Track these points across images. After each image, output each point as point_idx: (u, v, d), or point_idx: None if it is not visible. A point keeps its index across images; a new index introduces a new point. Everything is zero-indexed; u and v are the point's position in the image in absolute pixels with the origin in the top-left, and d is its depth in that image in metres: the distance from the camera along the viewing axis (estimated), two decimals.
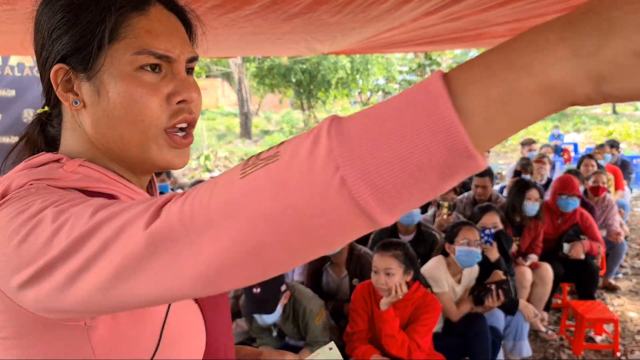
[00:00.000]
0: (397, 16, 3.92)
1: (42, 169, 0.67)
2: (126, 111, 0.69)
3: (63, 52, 0.69)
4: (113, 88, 0.68)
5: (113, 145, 0.71)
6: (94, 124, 0.70)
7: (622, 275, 5.26)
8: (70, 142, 0.74)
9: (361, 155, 0.38)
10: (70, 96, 0.70)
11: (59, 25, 0.68)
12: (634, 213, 8.08)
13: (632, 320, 4.20)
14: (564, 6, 3.85)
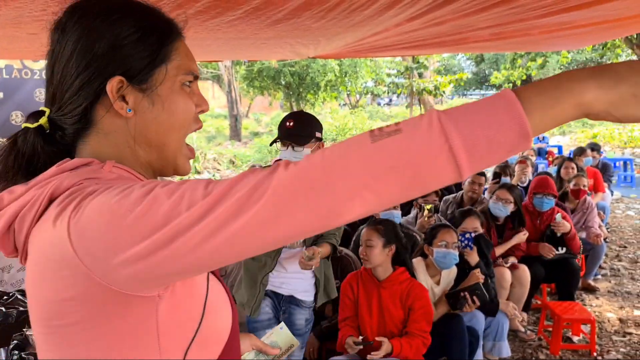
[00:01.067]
0: (380, 21, 3.96)
1: (85, 169, 0.74)
2: (177, 119, 0.81)
3: (126, 65, 0.77)
4: (169, 99, 0.80)
5: (152, 150, 0.81)
6: (141, 129, 0.79)
7: (601, 276, 5.35)
8: (101, 146, 0.79)
9: (462, 132, 0.58)
10: (124, 105, 0.77)
11: (126, 41, 0.77)
12: (614, 215, 8.22)
13: (609, 321, 4.28)
14: (543, 12, 3.93)
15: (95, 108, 0.78)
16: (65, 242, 0.65)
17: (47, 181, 0.72)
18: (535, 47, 7.76)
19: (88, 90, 0.76)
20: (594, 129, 21.67)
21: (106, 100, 0.77)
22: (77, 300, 0.66)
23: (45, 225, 0.69)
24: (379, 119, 25.32)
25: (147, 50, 0.78)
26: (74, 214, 0.65)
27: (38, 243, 0.70)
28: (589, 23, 4.61)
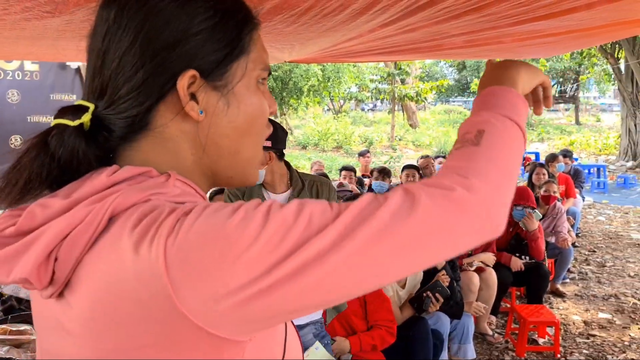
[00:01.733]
0: (353, 27, 4.00)
1: (148, 182, 0.61)
2: (253, 123, 0.68)
3: (200, 57, 0.63)
4: (246, 100, 0.67)
5: (221, 159, 0.68)
6: (209, 135, 0.66)
7: (569, 280, 5.46)
8: (156, 154, 0.65)
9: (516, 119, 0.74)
10: (195, 105, 0.64)
11: (201, 27, 0.63)
12: (586, 220, 8.38)
13: (574, 323, 4.37)
14: (514, 21, 4.01)
15: (157, 108, 0.64)
16: (157, 276, 0.50)
17: (102, 195, 0.57)
18: (509, 55, 7.87)
19: (153, 86, 0.62)
20: (572, 136, 22.05)
21: (171, 99, 0.63)
22: (160, 346, 0.53)
23: (114, 253, 0.54)
24: (362, 124, 25.44)
25: (225, 39, 0.64)
26: (172, 239, 0.51)
27: (100, 276, 0.54)
28: (559, 32, 4.71)
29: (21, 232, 0.57)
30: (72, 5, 2.57)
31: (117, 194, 0.57)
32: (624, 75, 15.17)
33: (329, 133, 20.86)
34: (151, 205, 0.56)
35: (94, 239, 0.55)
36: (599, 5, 3.56)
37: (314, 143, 20.60)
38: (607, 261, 6.19)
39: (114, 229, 0.55)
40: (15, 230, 0.57)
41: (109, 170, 0.60)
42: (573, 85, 33.10)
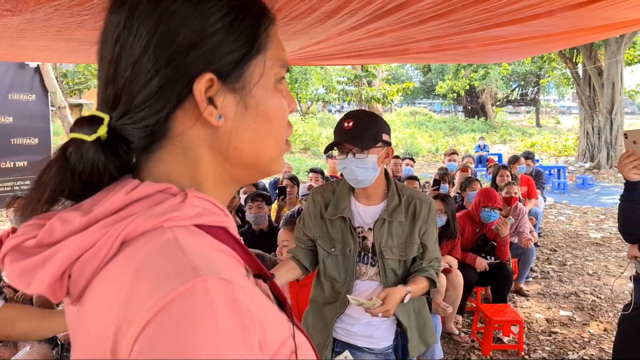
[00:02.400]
0: (321, 30, 4.02)
1: (164, 205, 0.58)
2: (274, 124, 0.66)
3: (217, 59, 0.60)
4: (265, 101, 0.64)
5: (242, 162, 0.65)
6: (230, 140, 0.63)
7: (532, 279, 5.61)
8: (177, 165, 0.62)
9: None
10: (213, 110, 0.60)
11: (217, 27, 0.60)
12: (547, 220, 8.63)
13: (537, 321, 4.50)
14: (477, 26, 4.11)
15: (174, 115, 0.60)
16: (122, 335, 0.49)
17: (117, 217, 0.56)
18: (473, 59, 8.05)
19: (169, 93, 0.59)
20: (533, 138, 22.64)
21: (189, 105, 0.60)
22: None
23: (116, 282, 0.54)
24: (329, 126, 25.49)
25: (242, 38, 0.61)
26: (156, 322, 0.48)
27: (99, 303, 0.54)
28: (520, 38, 4.85)
29: (41, 245, 0.57)
30: (32, 4, 2.50)
31: (130, 219, 0.56)
32: (581, 80, 15.68)
33: (297, 134, 20.86)
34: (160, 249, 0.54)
35: (105, 262, 0.55)
36: (560, 13, 3.68)
37: None
38: (568, 260, 6.39)
39: (123, 258, 0.55)
40: (36, 242, 0.57)
41: (128, 187, 0.59)
42: (534, 89, 34.01)
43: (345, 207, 2.00)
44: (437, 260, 2.07)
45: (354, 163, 1.87)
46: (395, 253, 1.98)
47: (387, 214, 1.96)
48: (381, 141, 1.89)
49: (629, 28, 5.28)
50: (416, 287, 1.95)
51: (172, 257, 0.53)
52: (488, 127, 27.51)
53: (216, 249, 0.59)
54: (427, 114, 34.02)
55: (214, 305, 0.49)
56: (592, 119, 15.34)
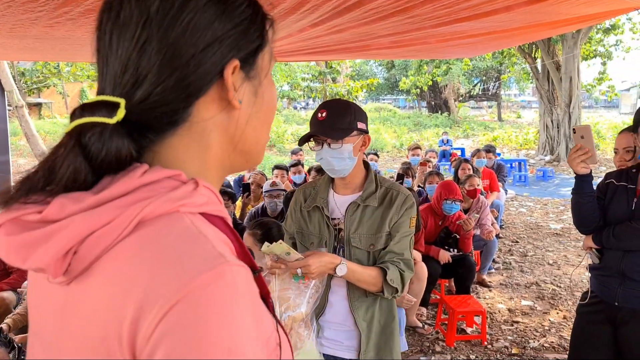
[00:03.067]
0: (282, 27, 4.00)
1: (178, 192, 0.58)
2: (273, 112, 0.71)
3: (241, 45, 0.63)
4: (268, 89, 0.69)
5: (244, 148, 0.68)
6: (240, 126, 0.66)
7: (494, 270, 5.73)
8: (189, 151, 0.64)
9: None
10: (236, 94, 0.64)
11: (242, 19, 0.63)
12: (509, 212, 8.83)
13: (500, 312, 4.60)
14: (437, 22, 4.15)
15: (198, 101, 0.62)
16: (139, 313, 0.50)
17: (134, 198, 0.56)
18: (434, 55, 8.14)
19: (200, 78, 0.60)
20: (494, 132, 23.10)
21: (213, 91, 0.62)
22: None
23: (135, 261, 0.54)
24: (294, 122, 25.46)
25: (258, 30, 0.65)
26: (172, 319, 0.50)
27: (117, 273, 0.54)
28: (479, 33, 4.93)
29: (47, 220, 0.55)
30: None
31: (148, 201, 0.56)
32: (540, 74, 16.09)
33: None
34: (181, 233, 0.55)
35: (118, 240, 0.55)
36: (517, 9, 3.76)
37: None
38: (529, 251, 6.55)
39: (139, 238, 0.55)
40: (41, 217, 0.55)
41: (139, 170, 0.58)
42: (495, 84, 34.72)
43: (322, 198, 1.97)
44: (404, 261, 1.86)
45: (329, 153, 1.84)
46: (363, 242, 1.88)
47: (361, 199, 1.90)
48: (356, 129, 1.85)
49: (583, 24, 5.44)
50: (359, 269, 1.79)
51: (197, 242, 0.55)
52: (451, 122, 27.97)
53: (218, 238, 0.60)
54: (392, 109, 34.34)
55: (239, 291, 0.53)
56: (551, 113, 15.75)
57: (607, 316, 2.32)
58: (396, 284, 1.82)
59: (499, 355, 3.80)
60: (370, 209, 1.89)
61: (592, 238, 2.34)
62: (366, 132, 1.90)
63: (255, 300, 0.56)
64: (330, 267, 1.71)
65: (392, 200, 1.89)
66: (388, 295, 1.83)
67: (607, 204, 2.30)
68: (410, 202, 1.90)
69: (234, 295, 0.52)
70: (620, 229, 2.22)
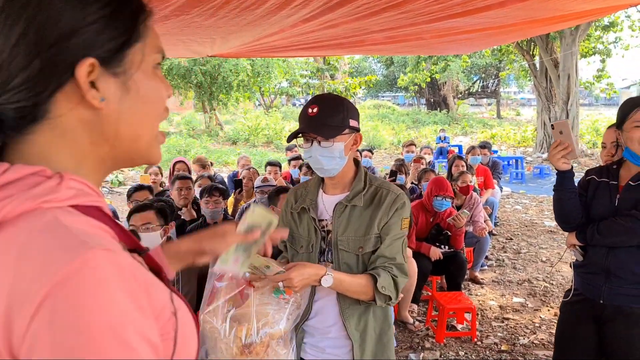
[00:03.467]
0: (274, 21, 3.98)
1: (40, 189, 0.58)
2: (153, 107, 0.70)
3: (98, 44, 0.63)
4: (145, 84, 0.68)
5: (121, 144, 0.68)
6: (110, 122, 0.66)
7: (487, 267, 5.73)
8: (53, 146, 0.64)
9: None
10: (95, 93, 0.63)
11: (96, 18, 0.63)
12: (504, 210, 8.82)
13: (491, 309, 4.59)
14: (431, 18, 4.13)
15: (54, 98, 0.62)
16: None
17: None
18: (430, 51, 8.11)
19: (50, 75, 0.60)
20: (493, 129, 23.08)
21: (70, 88, 0.62)
22: None
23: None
24: (293, 119, 25.44)
25: (122, 27, 0.65)
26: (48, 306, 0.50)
27: None
28: (474, 29, 4.91)
29: None
30: None
31: (7, 200, 0.56)
32: (538, 72, 16.06)
33: (259, 128, 20.74)
34: (43, 228, 0.56)
35: None
36: (511, 4, 3.73)
37: (245, 138, 20.41)
38: (523, 248, 6.54)
39: (1, 240, 0.55)
40: None
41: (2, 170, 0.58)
42: (494, 81, 34.68)
43: (310, 199, 1.87)
44: (397, 265, 1.74)
45: (318, 152, 1.73)
46: (351, 246, 1.77)
47: (347, 199, 1.79)
48: (348, 127, 1.75)
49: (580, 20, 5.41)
50: (348, 278, 1.68)
51: (57, 235, 0.55)
52: (450, 119, 27.94)
53: (93, 226, 0.61)
54: (391, 107, 34.30)
55: (106, 275, 0.53)
56: (549, 110, 15.73)
57: (591, 314, 2.31)
58: (388, 292, 1.70)
59: (488, 352, 3.80)
60: (358, 209, 1.78)
61: (575, 235, 2.33)
62: (358, 130, 1.80)
63: (133, 277, 0.56)
64: (315, 278, 1.61)
65: (382, 200, 1.77)
66: (381, 304, 1.71)
67: (590, 201, 2.29)
68: (400, 202, 1.77)
69: (102, 278, 0.52)
70: (605, 226, 2.21)
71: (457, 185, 5.27)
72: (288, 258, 1.93)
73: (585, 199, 2.30)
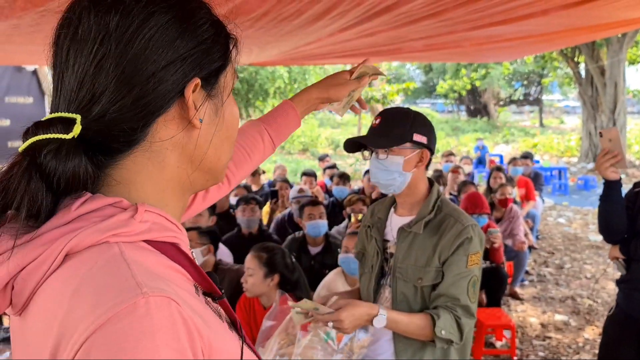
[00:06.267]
0: (311, 31, 3.98)
1: (110, 222, 0.56)
2: (234, 130, 0.71)
3: (203, 64, 0.63)
4: (229, 108, 0.69)
5: (204, 166, 0.67)
6: (201, 144, 0.65)
7: (528, 282, 5.54)
8: (142, 171, 0.62)
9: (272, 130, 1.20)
10: (196, 113, 0.63)
11: (205, 38, 0.63)
12: (546, 222, 8.54)
13: (531, 326, 4.43)
14: (471, 26, 4.05)
15: (157, 120, 0.61)
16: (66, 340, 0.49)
17: (62, 231, 0.55)
18: (469, 58, 7.99)
19: (160, 97, 0.59)
20: (535, 138, 22.50)
21: (173, 110, 0.61)
22: None
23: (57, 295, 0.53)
24: (329, 126, 25.46)
25: (221, 49, 0.65)
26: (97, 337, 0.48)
27: (44, 309, 0.54)
28: (515, 37, 4.79)
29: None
30: (18, 10, 2.47)
31: (75, 233, 0.55)
32: (583, 79, 15.58)
33: (295, 135, 20.82)
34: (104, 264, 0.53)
35: (48, 275, 0.54)
36: (554, 12, 3.62)
37: (280, 146, 20.52)
38: (566, 263, 6.31)
39: (65, 271, 0.54)
40: None
41: (78, 201, 0.57)
42: (537, 88, 33.88)
43: (379, 217, 1.79)
44: (462, 307, 1.57)
45: (375, 164, 1.66)
46: (410, 275, 1.63)
47: (409, 225, 1.66)
48: (411, 142, 1.63)
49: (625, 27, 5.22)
50: (404, 319, 1.54)
51: (116, 273, 0.53)
52: (491, 127, 27.40)
53: (164, 265, 0.58)
54: (429, 113, 33.91)
55: (155, 326, 0.49)
56: (594, 119, 15.22)
57: (635, 333, 2.19)
58: (448, 335, 1.54)
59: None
60: (420, 237, 1.64)
61: (619, 248, 2.22)
62: (425, 146, 1.66)
63: (187, 331, 0.52)
64: (367, 319, 1.49)
65: (446, 230, 1.62)
66: (441, 346, 1.56)
67: (636, 214, 2.18)
68: (466, 236, 1.59)
69: (149, 328, 0.49)
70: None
71: (496, 198, 5.13)
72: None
73: (632, 211, 2.20)
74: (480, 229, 1.71)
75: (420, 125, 1.67)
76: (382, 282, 1.73)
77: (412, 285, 1.63)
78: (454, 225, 1.62)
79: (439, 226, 1.64)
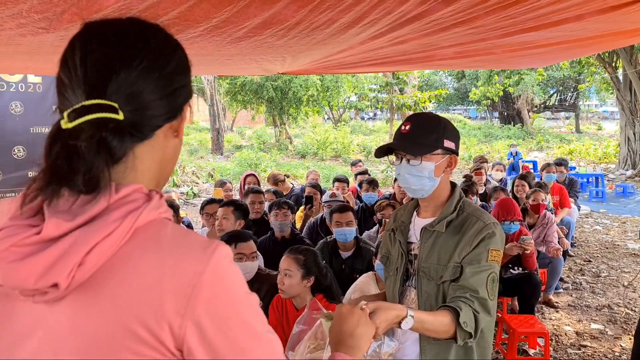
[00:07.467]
0: (343, 40, 4.04)
1: (154, 202, 0.72)
2: (181, 147, 0.87)
3: (190, 93, 0.83)
4: (183, 127, 0.84)
5: (164, 174, 0.83)
6: (176, 151, 0.84)
7: (563, 290, 5.45)
8: (149, 164, 0.78)
9: None
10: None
11: (186, 71, 0.82)
12: (582, 230, 8.36)
13: (566, 334, 4.37)
14: (503, 32, 4.05)
15: (165, 125, 0.79)
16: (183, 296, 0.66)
17: (125, 211, 0.68)
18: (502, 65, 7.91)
19: (179, 106, 0.80)
20: (571, 144, 22.01)
21: (175, 121, 0.81)
22: None
23: (151, 258, 0.68)
24: (361, 133, 25.49)
25: (189, 76, 0.83)
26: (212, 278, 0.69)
27: (136, 271, 0.67)
28: (549, 43, 4.75)
29: (46, 239, 0.64)
30: (65, 22, 2.61)
31: (138, 212, 0.69)
32: (622, 84, 15.19)
33: (328, 142, 20.92)
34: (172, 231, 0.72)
35: (118, 248, 0.67)
36: (589, 17, 3.59)
37: (313, 152, 20.66)
38: (602, 271, 6.18)
39: (141, 242, 0.68)
40: (40, 238, 0.64)
41: (111, 188, 0.69)
42: (573, 94, 33.14)
43: (403, 220, 1.84)
44: (480, 300, 1.56)
45: (406, 170, 1.69)
46: (432, 274, 1.67)
47: (432, 224, 1.71)
48: (442, 148, 1.67)
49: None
50: (430, 318, 1.50)
51: (188, 235, 0.72)
52: (524, 134, 26.94)
53: None
54: (462, 120, 33.59)
55: (230, 257, 0.73)
56: (633, 125, 14.82)
57: None
58: (470, 328, 1.53)
59: None
60: (443, 235, 1.69)
61: None
62: (454, 152, 1.72)
63: None
64: (396, 321, 1.46)
65: (468, 228, 1.66)
66: (460, 342, 1.54)
67: None
68: (488, 232, 1.63)
69: (231, 261, 0.72)
70: None
71: (528, 203, 5.07)
72: None
73: None
74: (502, 228, 1.73)
75: (449, 131, 1.72)
76: (407, 284, 1.77)
77: (434, 284, 1.66)
78: (476, 222, 1.66)
79: (462, 225, 1.68)
